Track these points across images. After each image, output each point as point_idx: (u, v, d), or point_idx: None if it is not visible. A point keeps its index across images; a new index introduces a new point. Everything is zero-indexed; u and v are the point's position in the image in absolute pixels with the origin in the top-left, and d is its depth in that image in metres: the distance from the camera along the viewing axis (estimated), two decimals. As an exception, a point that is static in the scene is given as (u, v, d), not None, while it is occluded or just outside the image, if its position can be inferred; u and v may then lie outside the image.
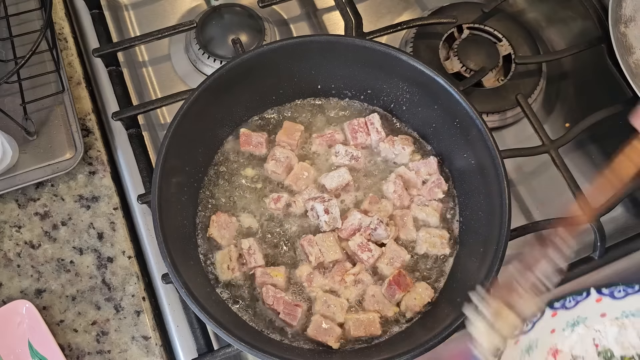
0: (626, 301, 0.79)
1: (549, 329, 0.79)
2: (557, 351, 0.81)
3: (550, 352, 0.81)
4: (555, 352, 0.81)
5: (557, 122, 1.17)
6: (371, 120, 1.01)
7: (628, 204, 1.11)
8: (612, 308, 0.80)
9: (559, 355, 0.81)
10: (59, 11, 1.18)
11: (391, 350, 0.84)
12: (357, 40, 0.96)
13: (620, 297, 0.79)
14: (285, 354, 0.83)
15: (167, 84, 1.17)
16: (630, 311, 0.80)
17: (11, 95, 1.03)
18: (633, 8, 1.11)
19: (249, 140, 1.00)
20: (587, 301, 0.79)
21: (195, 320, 0.95)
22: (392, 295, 0.90)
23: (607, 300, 0.79)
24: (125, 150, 1.07)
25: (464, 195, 0.98)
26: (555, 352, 0.81)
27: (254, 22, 1.19)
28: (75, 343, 0.94)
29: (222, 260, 0.92)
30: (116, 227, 1.01)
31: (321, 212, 0.93)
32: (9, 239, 0.99)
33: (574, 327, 0.81)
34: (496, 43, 1.18)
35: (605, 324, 0.81)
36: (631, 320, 0.81)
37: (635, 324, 0.81)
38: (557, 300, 0.78)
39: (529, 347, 0.78)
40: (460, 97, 0.92)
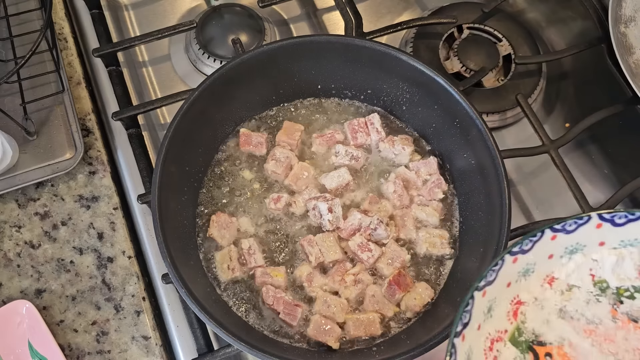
0: (626, 229, 0.78)
1: (547, 254, 0.78)
2: (553, 278, 0.80)
3: (547, 279, 0.80)
4: (552, 280, 0.80)
5: (557, 122, 1.17)
6: (371, 120, 1.01)
7: (628, 204, 1.11)
8: (612, 236, 0.79)
9: (554, 282, 0.80)
10: (59, 11, 1.18)
11: (391, 350, 0.84)
12: (357, 40, 0.96)
13: (621, 223, 0.77)
14: (285, 354, 0.84)
15: (167, 84, 1.17)
16: (629, 240, 0.79)
17: (11, 95, 1.03)
18: (633, 8, 1.11)
19: (249, 140, 1.00)
20: (588, 226, 0.77)
21: (195, 320, 0.95)
22: (392, 295, 0.90)
23: (607, 226, 0.78)
24: (125, 150, 1.07)
25: (464, 195, 0.98)
26: (551, 279, 0.80)
27: (254, 22, 1.19)
28: (75, 343, 0.94)
29: (222, 260, 0.92)
30: (116, 227, 1.01)
31: (324, 211, 0.93)
32: (9, 239, 0.99)
33: (571, 255, 0.80)
34: (496, 43, 1.18)
35: (603, 253, 0.80)
36: (629, 250, 0.80)
37: (633, 254, 0.80)
38: (559, 222, 0.76)
39: (526, 271, 0.78)
40: (460, 97, 0.92)
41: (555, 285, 0.81)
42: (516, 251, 0.75)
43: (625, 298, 0.81)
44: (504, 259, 0.74)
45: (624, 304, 0.81)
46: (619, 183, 1.10)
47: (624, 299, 0.81)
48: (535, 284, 0.80)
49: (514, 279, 0.77)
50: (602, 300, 0.81)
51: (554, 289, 0.81)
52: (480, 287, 0.73)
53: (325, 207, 0.93)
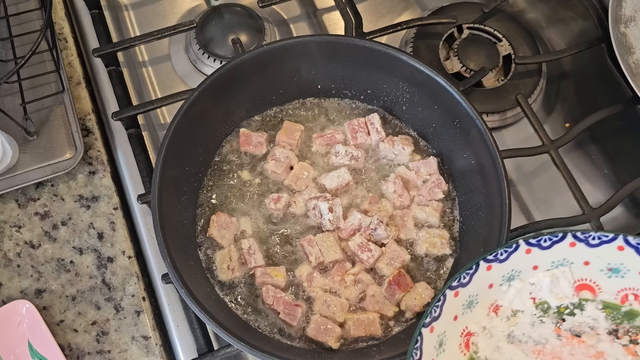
0: (553, 250, 0.80)
1: (487, 284, 0.81)
2: (497, 307, 0.83)
3: (492, 308, 0.82)
4: (496, 308, 0.82)
5: (557, 122, 1.17)
6: (371, 120, 1.01)
7: (628, 204, 1.11)
8: (542, 259, 0.81)
9: (499, 310, 0.83)
10: (59, 11, 1.18)
11: (391, 350, 0.84)
12: (357, 40, 0.96)
13: (546, 246, 0.80)
14: (285, 354, 0.84)
15: (167, 84, 1.17)
16: (559, 260, 0.82)
17: (11, 95, 1.03)
18: (633, 8, 1.11)
19: (249, 140, 1.00)
20: (518, 253, 0.80)
21: (195, 320, 0.95)
22: (392, 295, 0.90)
23: (536, 250, 0.80)
24: (125, 150, 1.07)
25: (464, 195, 0.98)
26: (496, 307, 0.82)
27: (254, 22, 1.19)
28: (75, 343, 0.94)
29: (222, 260, 0.92)
30: (116, 227, 1.01)
31: (325, 211, 0.93)
32: (9, 239, 0.99)
33: (510, 281, 0.82)
34: (496, 43, 1.18)
35: (539, 276, 0.83)
36: (561, 270, 0.82)
37: (565, 273, 0.82)
38: (490, 253, 0.79)
39: (470, 302, 0.80)
40: (460, 97, 0.92)
41: (501, 312, 0.83)
42: (456, 285, 0.77)
43: (567, 315, 0.84)
44: (445, 294, 0.76)
45: (566, 321, 0.84)
46: (619, 183, 1.11)
47: (565, 317, 0.84)
48: (482, 314, 0.82)
49: (459, 312, 0.79)
50: (546, 321, 0.84)
51: (499, 316, 0.83)
52: (426, 323, 0.74)
53: (326, 206, 0.93)
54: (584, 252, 0.81)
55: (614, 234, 0.79)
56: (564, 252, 0.81)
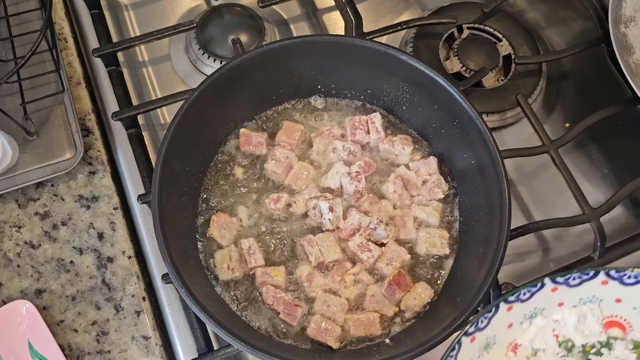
0: (582, 288, 0.75)
1: (506, 324, 0.75)
2: (516, 345, 0.77)
3: (510, 347, 0.77)
4: (515, 347, 0.77)
5: (557, 122, 1.17)
6: (372, 120, 1.01)
7: (628, 204, 1.11)
8: (569, 296, 0.76)
9: (519, 349, 0.77)
10: (59, 11, 1.18)
11: (391, 350, 0.84)
12: (357, 40, 0.96)
13: (575, 284, 0.75)
14: (285, 353, 0.84)
15: (167, 84, 1.17)
16: (587, 297, 0.76)
17: (11, 95, 1.03)
18: (633, 8, 1.11)
19: (249, 140, 1.00)
20: (543, 292, 0.75)
21: (195, 320, 0.95)
22: (392, 295, 0.90)
23: (562, 288, 0.75)
24: (125, 150, 1.07)
25: (464, 195, 0.98)
26: (515, 346, 0.77)
27: (254, 22, 1.19)
28: (75, 343, 0.94)
29: (222, 260, 0.92)
30: (116, 227, 1.01)
31: (325, 210, 0.93)
32: (9, 239, 0.99)
33: (532, 319, 0.77)
34: (496, 43, 1.18)
35: (564, 313, 0.77)
36: (589, 306, 0.77)
37: (593, 310, 0.77)
38: (512, 293, 0.74)
39: (487, 345, 0.75)
40: (460, 97, 0.92)
41: (520, 351, 0.77)
42: (472, 331, 0.72)
43: (593, 355, 0.78)
44: (461, 341, 0.71)
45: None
46: (619, 183, 1.11)
47: (591, 357, 0.78)
48: (499, 355, 0.76)
49: (475, 355, 0.74)
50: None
51: (518, 356, 0.77)
52: None
53: (326, 205, 0.93)
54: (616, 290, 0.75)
55: None
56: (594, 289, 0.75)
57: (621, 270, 0.74)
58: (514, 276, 1.02)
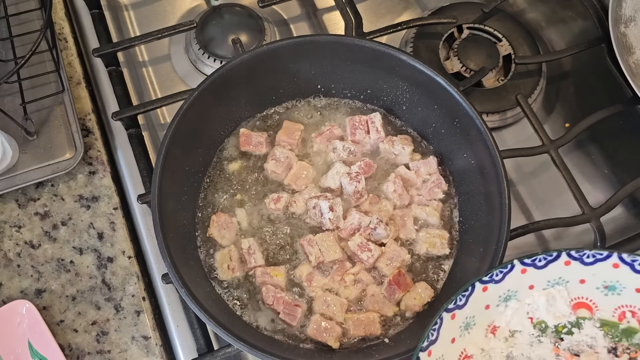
0: (548, 270, 0.80)
1: (483, 305, 0.80)
2: (495, 327, 0.82)
3: (489, 329, 0.82)
4: (494, 328, 0.82)
5: (557, 122, 1.17)
6: (372, 120, 1.01)
7: (628, 204, 1.11)
8: (538, 278, 0.81)
9: (497, 330, 0.82)
10: (59, 11, 1.18)
11: (391, 350, 0.84)
12: (357, 40, 0.96)
13: (542, 265, 0.80)
14: (285, 353, 0.83)
15: (167, 84, 1.17)
16: (554, 279, 0.81)
17: (11, 95, 1.03)
18: (633, 8, 1.11)
19: (249, 140, 1.00)
20: (513, 273, 0.80)
21: (195, 320, 0.95)
22: (392, 295, 0.90)
23: (531, 270, 0.80)
24: (125, 150, 1.07)
25: (464, 195, 0.98)
26: (493, 328, 0.82)
27: (254, 22, 1.19)
28: (75, 343, 0.94)
29: (222, 260, 0.92)
30: (116, 227, 1.01)
31: (325, 210, 0.93)
32: (9, 239, 0.99)
33: (506, 301, 0.82)
34: (496, 43, 1.18)
35: (534, 295, 0.82)
36: (557, 289, 0.82)
37: (561, 292, 0.82)
38: (486, 274, 0.79)
39: (467, 324, 0.79)
40: (460, 97, 0.92)
41: (499, 333, 0.82)
42: (452, 307, 0.76)
43: (565, 334, 0.83)
44: (442, 316, 0.75)
45: (564, 341, 0.83)
46: (619, 183, 1.11)
47: (563, 336, 0.83)
48: (479, 335, 0.81)
49: (457, 334, 0.78)
50: (544, 340, 0.83)
51: (497, 337, 0.82)
52: (424, 347, 0.74)
53: (327, 205, 0.93)
54: (579, 271, 0.80)
55: (608, 252, 0.78)
56: (560, 271, 0.80)
57: (581, 250, 0.79)
58: (514, 276, 1.02)
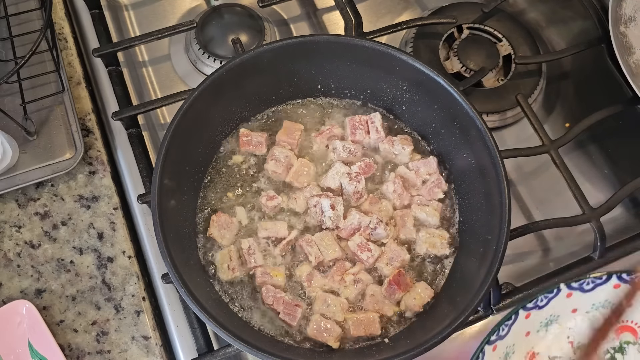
0: (595, 293, 0.78)
1: (524, 332, 0.78)
2: (534, 354, 0.80)
3: (528, 356, 0.80)
4: (533, 355, 0.80)
5: (557, 122, 1.17)
6: (372, 120, 1.01)
7: (628, 204, 1.11)
8: (582, 302, 0.79)
9: (536, 357, 0.80)
10: (59, 11, 1.18)
11: (391, 350, 0.84)
12: (357, 40, 0.96)
13: (589, 289, 0.78)
14: (285, 353, 0.84)
15: (167, 84, 1.17)
16: (600, 302, 0.80)
17: (11, 95, 1.03)
18: (633, 8, 1.11)
19: (249, 140, 1.00)
20: (558, 298, 0.78)
21: (195, 320, 0.95)
22: (392, 295, 0.90)
23: (576, 294, 0.78)
24: (125, 150, 1.07)
25: (464, 195, 0.98)
26: (532, 354, 0.80)
27: (254, 22, 1.19)
28: (75, 343, 0.94)
29: (222, 260, 0.92)
30: (116, 227, 1.01)
31: (327, 208, 0.93)
32: (9, 239, 0.99)
33: (547, 326, 0.80)
34: (496, 43, 1.18)
35: (577, 319, 0.80)
36: (601, 311, 0.80)
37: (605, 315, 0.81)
38: (530, 300, 0.77)
39: (507, 354, 0.77)
40: (460, 97, 0.92)
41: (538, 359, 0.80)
42: (494, 339, 0.75)
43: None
44: (484, 350, 0.73)
45: None
46: (619, 183, 1.11)
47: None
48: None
49: None
50: None
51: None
52: None
53: (328, 203, 0.93)
54: None
55: None
56: (607, 294, 0.78)
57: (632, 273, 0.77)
58: (514, 276, 1.02)
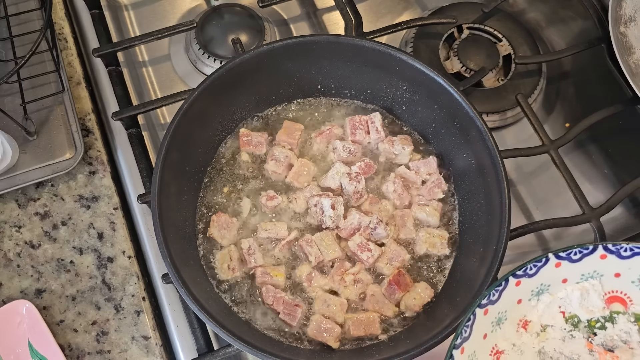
0: (583, 263, 0.79)
1: (516, 299, 0.79)
2: (526, 322, 0.81)
3: (521, 324, 0.81)
4: (525, 323, 0.81)
5: (557, 122, 1.17)
6: (372, 120, 1.01)
7: (628, 204, 1.11)
8: (572, 272, 0.80)
9: (529, 325, 0.81)
10: (59, 11, 1.18)
11: (391, 350, 0.84)
12: (357, 40, 0.96)
13: (577, 259, 0.79)
14: (285, 353, 0.84)
15: (167, 84, 1.17)
16: (589, 273, 0.80)
17: (11, 95, 1.03)
18: (633, 8, 1.11)
19: (249, 140, 1.00)
20: (547, 267, 0.79)
21: (195, 320, 0.95)
22: (392, 295, 0.90)
23: (565, 264, 0.79)
24: (125, 150, 1.07)
25: (464, 195, 0.98)
26: (525, 322, 0.81)
27: (254, 22, 1.19)
28: (75, 343, 0.94)
29: (222, 260, 0.92)
30: (116, 227, 1.01)
31: (327, 208, 0.93)
32: (9, 239, 0.99)
33: (539, 295, 0.81)
34: (496, 43, 1.18)
35: (567, 289, 0.81)
36: (591, 282, 0.81)
37: (595, 286, 0.81)
38: (519, 268, 0.78)
39: (499, 319, 0.78)
40: (460, 97, 0.92)
41: (530, 327, 0.81)
42: (485, 303, 0.76)
43: (598, 329, 0.82)
44: (475, 312, 0.75)
45: (598, 336, 0.82)
46: (619, 183, 1.11)
47: (596, 331, 0.82)
48: (511, 330, 0.80)
49: (489, 330, 0.78)
50: (577, 335, 0.82)
51: (529, 332, 0.81)
52: (457, 345, 0.73)
53: (329, 203, 0.93)
54: (615, 264, 0.79)
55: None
56: (594, 264, 0.79)
57: (618, 244, 0.78)
58: (514, 276, 1.02)
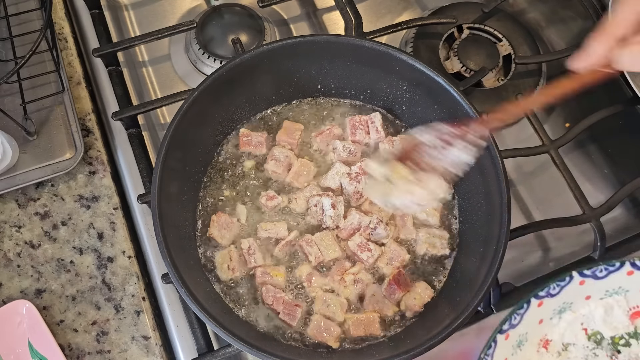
0: (608, 280, 0.78)
1: (537, 320, 0.78)
2: (547, 341, 0.80)
3: (541, 343, 0.80)
4: (546, 342, 0.80)
5: (557, 122, 1.17)
6: (372, 120, 1.01)
7: (628, 204, 1.11)
8: (596, 289, 0.79)
9: (550, 344, 0.80)
10: (59, 11, 1.18)
11: (391, 350, 0.84)
12: (357, 40, 0.96)
13: (602, 276, 0.78)
14: (285, 353, 0.83)
15: (167, 84, 1.17)
16: (614, 289, 0.79)
17: (11, 95, 1.03)
18: (633, 8, 1.11)
19: (249, 140, 1.00)
20: (571, 285, 0.77)
21: (195, 320, 0.95)
22: (392, 295, 0.90)
23: (590, 281, 0.78)
24: (125, 150, 1.07)
25: (464, 195, 0.98)
26: (546, 342, 0.80)
27: (254, 22, 1.19)
28: (75, 343, 0.94)
29: (222, 260, 0.92)
30: (116, 227, 1.01)
31: (328, 207, 0.93)
32: (9, 239, 0.99)
33: (560, 314, 0.79)
34: (496, 43, 1.18)
35: (591, 306, 0.80)
36: (615, 298, 0.80)
37: (619, 302, 0.80)
38: (542, 289, 0.77)
39: (520, 342, 0.77)
40: (460, 97, 0.92)
41: (551, 347, 0.80)
42: (506, 328, 0.75)
43: (622, 346, 0.80)
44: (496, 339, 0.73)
45: (622, 353, 0.80)
46: (619, 183, 1.10)
47: (620, 348, 0.80)
48: (531, 351, 0.79)
49: (509, 354, 0.76)
50: (599, 354, 0.80)
51: (550, 351, 0.80)
52: None
53: (329, 202, 0.93)
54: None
55: None
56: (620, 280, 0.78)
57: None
58: (514, 276, 1.02)
